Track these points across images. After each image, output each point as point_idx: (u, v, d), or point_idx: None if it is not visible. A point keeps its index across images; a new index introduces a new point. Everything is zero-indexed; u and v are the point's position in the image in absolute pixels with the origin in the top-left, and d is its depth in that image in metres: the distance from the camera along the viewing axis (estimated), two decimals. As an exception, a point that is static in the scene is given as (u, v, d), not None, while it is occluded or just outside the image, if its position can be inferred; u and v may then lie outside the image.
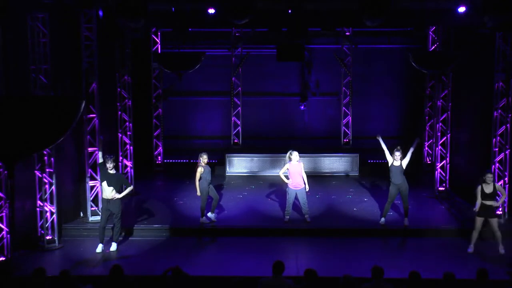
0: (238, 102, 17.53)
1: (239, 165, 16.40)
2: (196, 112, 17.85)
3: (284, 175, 11.79)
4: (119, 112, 14.05)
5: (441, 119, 13.95)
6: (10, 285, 7.78)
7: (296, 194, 11.63)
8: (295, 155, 11.60)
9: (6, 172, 9.31)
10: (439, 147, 13.96)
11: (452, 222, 11.84)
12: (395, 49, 17.04)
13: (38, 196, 10.68)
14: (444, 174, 13.83)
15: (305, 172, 11.68)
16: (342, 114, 17.28)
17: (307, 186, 11.61)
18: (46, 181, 10.64)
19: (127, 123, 14.36)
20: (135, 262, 10.01)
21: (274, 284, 7.20)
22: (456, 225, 11.56)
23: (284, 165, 11.82)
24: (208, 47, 16.47)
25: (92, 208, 11.81)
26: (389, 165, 11.36)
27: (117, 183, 10.47)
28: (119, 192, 10.49)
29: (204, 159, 11.42)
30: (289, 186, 11.66)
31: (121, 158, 14.15)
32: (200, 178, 11.38)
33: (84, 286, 7.51)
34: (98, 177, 11.65)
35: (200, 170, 11.35)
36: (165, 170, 17.02)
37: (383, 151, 11.48)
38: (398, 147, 11.40)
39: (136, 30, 13.31)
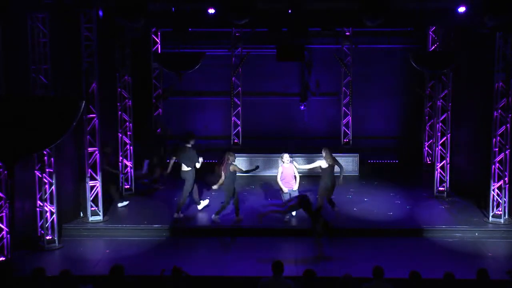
0: (238, 102, 17.51)
1: (239, 165, 16.31)
2: (196, 112, 17.82)
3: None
4: (119, 112, 14.04)
5: (441, 119, 13.93)
6: (10, 285, 7.77)
7: (289, 194, 11.82)
8: (286, 157, 11.94)
9: (6, 172, 9.32)
10: (439, 147, 13.95)
11: (452, 222, 11.84)
12: (395, 49, 17.01)
13: (38, 196, 10.68)
14: (444, 174, 13.82)
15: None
16: (342, 114, 17.26)
17: (296, 185, 11.93)
18: (46, 181, 10.64)
19: (127, 123, 14.35)
20: (135, 262, 10.00)
21: (274, 284, 7.21)
22: (455, 225, 11.57)
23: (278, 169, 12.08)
24: (208, 47, 16.44)
25: (92, 208, 11.79)
26: None
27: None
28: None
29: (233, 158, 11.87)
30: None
31: (121, 158, 14.14)
32: (229, 177, 11.66)
33: (84, 286, 7.51)
34: (98, 177, 11.66)
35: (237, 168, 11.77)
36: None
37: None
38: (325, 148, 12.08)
39: (136, 30, 13.30)
